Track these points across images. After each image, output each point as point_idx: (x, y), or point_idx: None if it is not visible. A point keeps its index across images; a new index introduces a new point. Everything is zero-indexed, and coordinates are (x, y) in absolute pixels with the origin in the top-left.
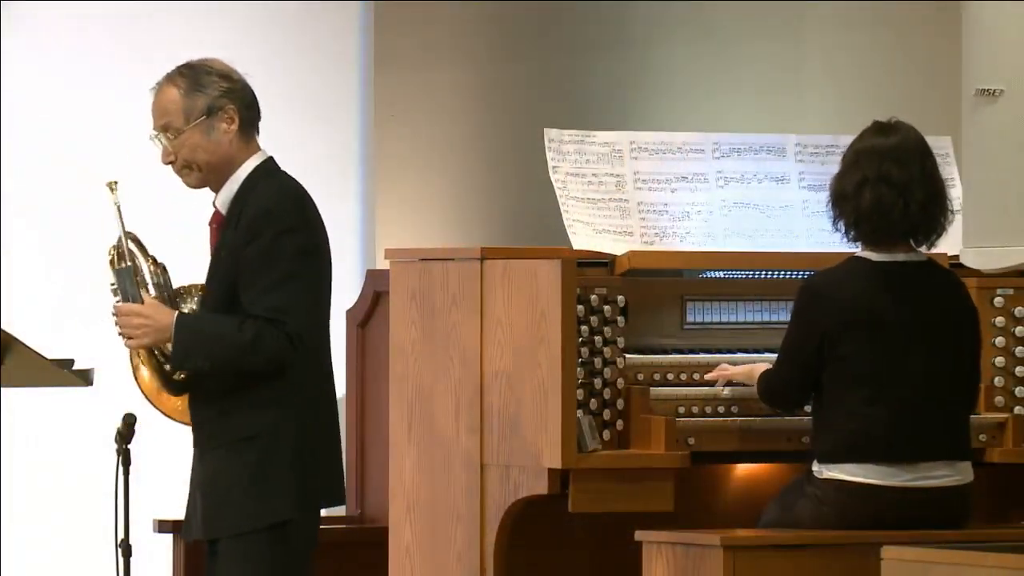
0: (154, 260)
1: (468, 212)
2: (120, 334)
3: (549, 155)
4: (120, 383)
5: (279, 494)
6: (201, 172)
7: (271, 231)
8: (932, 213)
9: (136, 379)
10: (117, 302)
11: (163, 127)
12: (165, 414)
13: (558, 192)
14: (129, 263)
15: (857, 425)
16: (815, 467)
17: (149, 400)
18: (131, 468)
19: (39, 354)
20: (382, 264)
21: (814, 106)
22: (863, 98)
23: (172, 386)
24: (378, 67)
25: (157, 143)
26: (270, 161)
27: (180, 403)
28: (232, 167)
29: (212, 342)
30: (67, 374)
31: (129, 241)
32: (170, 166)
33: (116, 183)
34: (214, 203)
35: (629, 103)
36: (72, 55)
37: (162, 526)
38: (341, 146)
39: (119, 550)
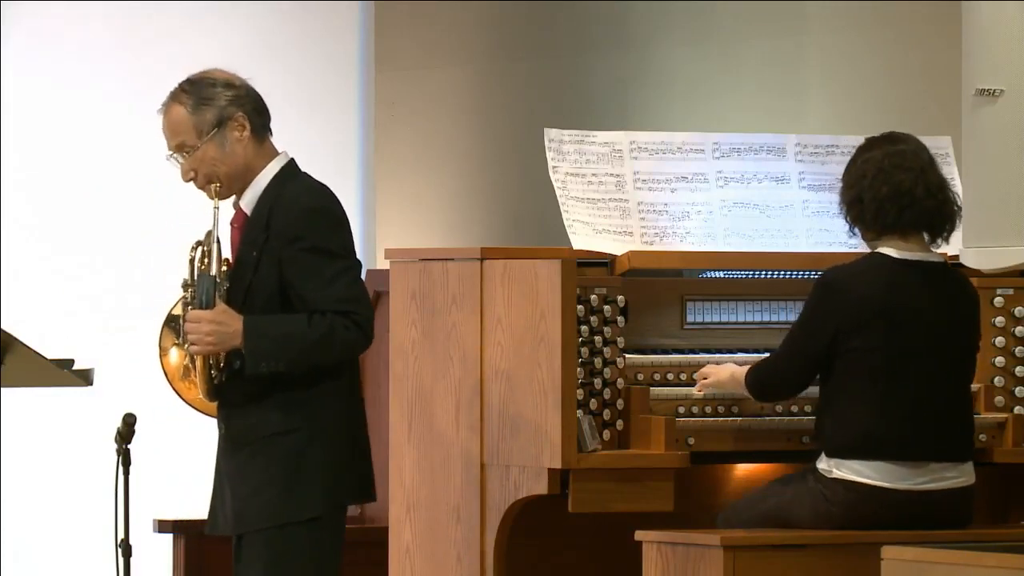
0: (227, 261)
1: (468, 212)
2: (186, 338)
3: (549, 155)
4: (120, 383)
5: (311, 489)
6: (223, 184)
7: (322, 227)
8: (947, 197)
9: (162, 363)
10: (186, 298)
11: (177, 146)
12: (185, 400)
13: (558, 192)
14: (214, 270)
15: (870, 420)
16: (823, 464)
17: (171, 385)
18: (131, 468)
19: (39, 354)
20: (382, 264)
21: (814, 106)
22: (863, 98)
23: (213, 393)
24: (378, 67)
25: (174, 163)
26: (293, 163)
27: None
28: (252, 171)
29: (284, 343)
30: (67, 374)
31: (214, 243)
32: (191, 183)
33: (220, 185)
34: (236, 204)
35: (629, 103)
36: (72, 55)
37: (162, 526)
38: (341, 146)
39: (119, 550)
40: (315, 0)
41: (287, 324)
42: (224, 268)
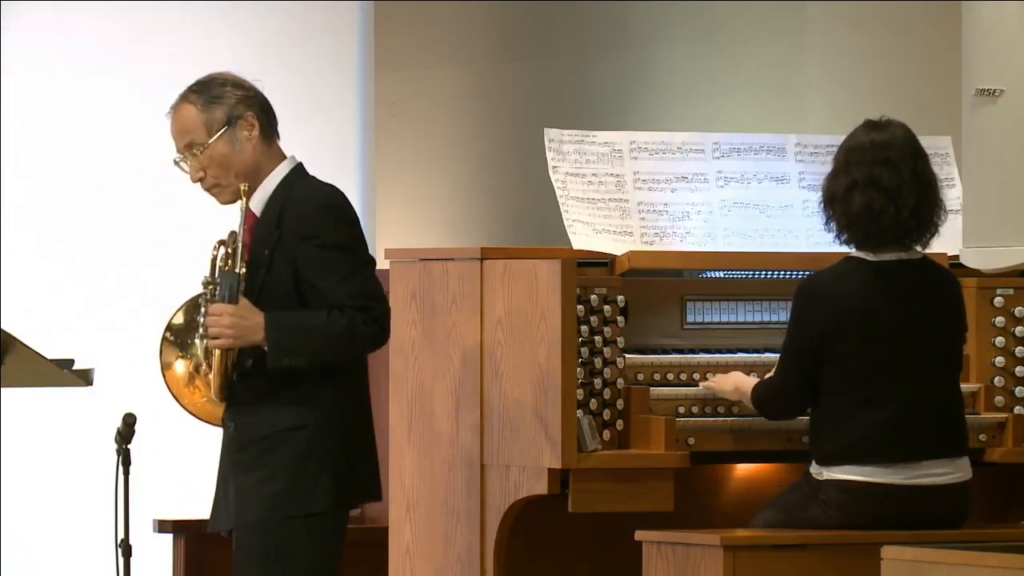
0: (247, 263)
1: (468, 212)
2: (205, 333)
3: (549, 155)
4: (120, 383)
5: (315, 485)
6: (231, 185)
7: (336, 224)
8: (923, 216)
9: (164, 376)
10: (206, 296)
11: (187, 145)
12: (190, 411)
13: (558, 192)
14: (238, 269)
15: (857, 427)
16: (814, 469)
17: (175, 397)
18: (131, 468)
19: (39, 354)
20: (382, 264)
21: (814, 106)
22: (863, 98)
23: (225, 392)
24: (378, 67)
25: (183, 166)
26: (301, 166)
27: (204, 400)
28: (261, 173)
29: (305, 337)
30: (67, 374)
31: (239, 242)
32: (199, 184)
33: (247, 184)
34: (246, 206)
35: (629, 103)
36: (72, 55)
37: (162, 526)
38: (341, 146)
39: (119, 550)
40: (315, 0)
41: (308, 318)
42: (244, 269)
